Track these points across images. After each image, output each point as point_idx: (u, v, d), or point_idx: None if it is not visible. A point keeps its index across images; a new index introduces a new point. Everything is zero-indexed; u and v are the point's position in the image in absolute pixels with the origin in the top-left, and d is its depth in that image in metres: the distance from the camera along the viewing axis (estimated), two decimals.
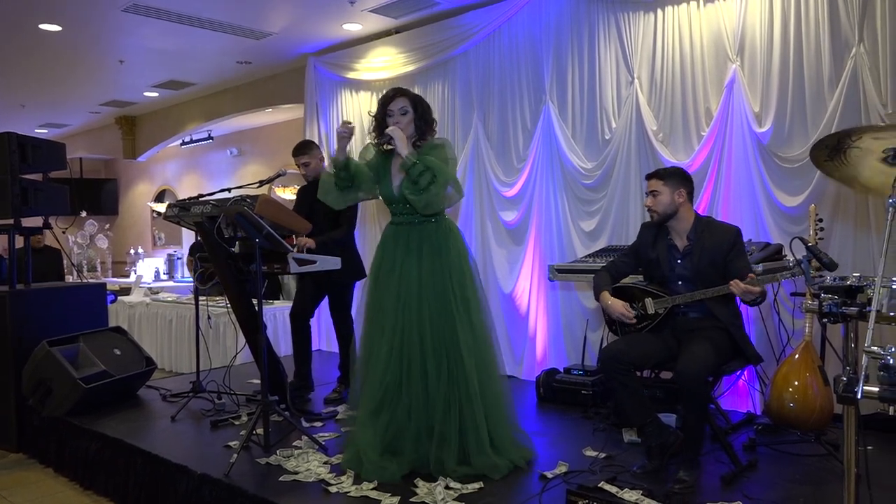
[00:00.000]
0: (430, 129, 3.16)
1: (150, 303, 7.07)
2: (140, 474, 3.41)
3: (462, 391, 2.97)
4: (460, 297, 3.06)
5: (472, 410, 2.95)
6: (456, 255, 3.12)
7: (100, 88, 8.13)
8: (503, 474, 2.93)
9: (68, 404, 4.06)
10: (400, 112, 3.09)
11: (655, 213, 3.14)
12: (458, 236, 3.20)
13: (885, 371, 1.55)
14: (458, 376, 2.98)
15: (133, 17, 5.57)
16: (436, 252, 3.08)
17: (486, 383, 3.04)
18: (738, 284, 2.82)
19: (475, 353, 3.03)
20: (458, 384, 2.98)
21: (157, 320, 6.85)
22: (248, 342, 4.11)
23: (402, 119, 3.08)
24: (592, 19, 4.62)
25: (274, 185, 8.20)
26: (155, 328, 6.86)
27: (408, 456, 2.99)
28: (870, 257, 3.60)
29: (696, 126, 4.19)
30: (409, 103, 3.10)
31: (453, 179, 3.04)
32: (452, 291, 3.05)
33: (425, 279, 3.05)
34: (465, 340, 3.01)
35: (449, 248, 3.11)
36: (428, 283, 3.05)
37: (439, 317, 3.02)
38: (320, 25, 5.89)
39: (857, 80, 3.59)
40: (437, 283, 3.05)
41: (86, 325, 4.60)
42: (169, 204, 4.19)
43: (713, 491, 2.77)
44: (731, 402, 4.03)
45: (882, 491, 2.64)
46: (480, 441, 2.95)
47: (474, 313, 3.09)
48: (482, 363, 3.06)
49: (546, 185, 4.86)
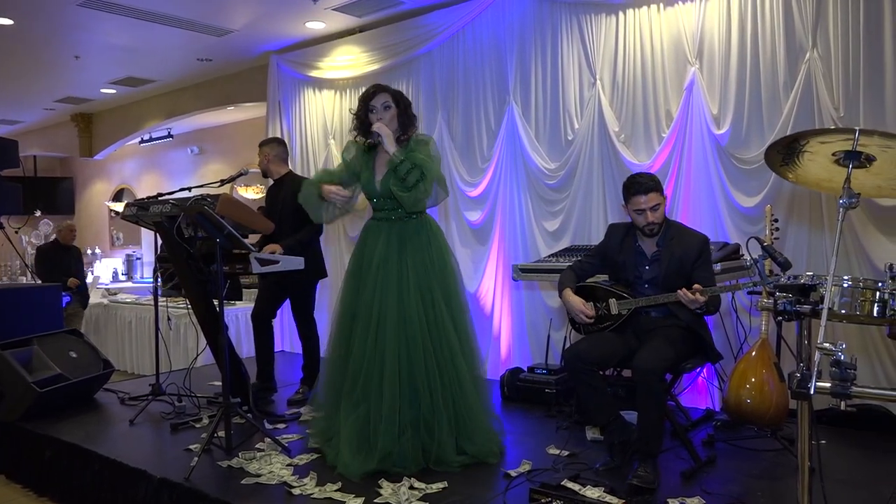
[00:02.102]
0: (412, 124, 3.15)
1: (108, 304, 6.92)
2: (97, 480, 3.33)
3: (448, 383, 3.03)
4: (443, 292, 3.08)
5: (462, 401, 3.05)
6: (438, 251, 3.14)
7: (54, 84, 7.92)
8: (497, 459, 3.07)
9: (21, 409, 3.95)
10: (383, 107, 3.08)
11: (656, 225, 3.07)
12: (440, 233, 3.22)
13: (837, 367, 1.59)
14: (443, 370, 3.03)
15: (89, 11, 5.43)
16: (418, 248, 3.11)
17: (467, 377, 3.10)
18: (686, 294, 2.86)
19: (458, 346, 3.08)
20: (444, 378, 3.03)
21: (116, 322, 6.72)
22: (210, 343, 4.04)
23: (386, 114, 3.07)
24: (555, 21, 4.66)
25: (236, 184, 8.08)
26: (114, 330, 6.72)
27: (382, 450, 2.98)
28: (823, 256, 3.70)
29: (657, 127, 4.26)
30: (391, 98, 3.10)
31: (440, 177, 3.04)
32: (435, 286, 3.07)
33: (407, 274, 3.06)
34: (448, 335, 3.05)
35: (431, 244, 3.13)
36: (410, 278, 3.06)
37: (421, 311, 3.05)
38: (283, 23, 5.83)
39: (810, 84, 3.69)
40: (419, 278, 3.06)
41: (40, 328, 4.48)
42: (127, 203, 4.10)
43: (673, 486, 2.81)
44: (690, 398, 4.11)
45: (834, 483, 2.72)
46: (469, 430, 3.04)
47: (456, 308, 3.14)
48: (465, 357, 3.11)
49: (510, 185, 4.89)
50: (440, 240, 3.19)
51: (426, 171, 2.94)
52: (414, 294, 3.04)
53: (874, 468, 3.07)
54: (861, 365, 3.51)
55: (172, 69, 7.28)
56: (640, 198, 3.01)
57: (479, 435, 3.10)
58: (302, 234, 4.14)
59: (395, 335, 3.02)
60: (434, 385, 3.02)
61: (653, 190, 3.01)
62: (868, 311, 2.00)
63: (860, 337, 3.60)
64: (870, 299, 2.00)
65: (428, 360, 3.03)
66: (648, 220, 3.04)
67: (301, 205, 4.09)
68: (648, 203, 3.01)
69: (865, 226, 3.59)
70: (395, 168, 2.97)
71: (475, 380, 3.17)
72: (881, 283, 2.00)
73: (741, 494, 2.74)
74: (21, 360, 4.08)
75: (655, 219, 3.04)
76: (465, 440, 3.06)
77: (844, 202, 1.91)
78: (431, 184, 2.97)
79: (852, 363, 1.59)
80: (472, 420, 3.10)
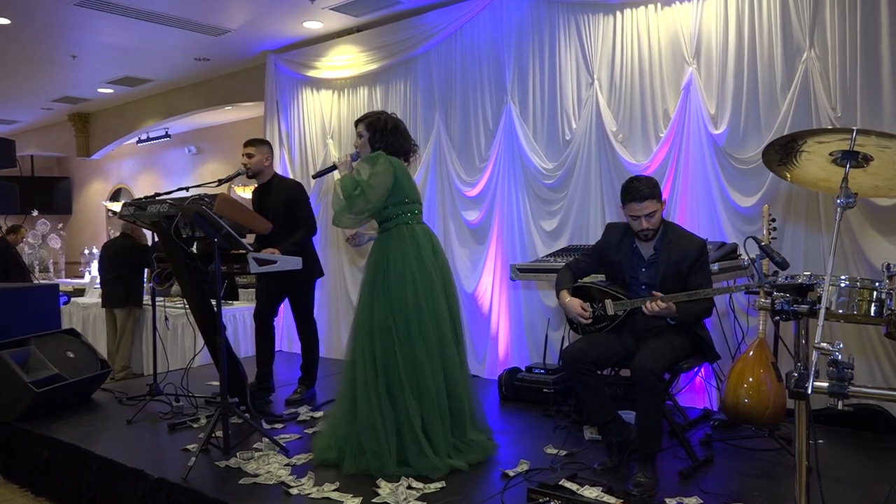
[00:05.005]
0: (384, 144, 3.24)
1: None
2: (95, 479, 3.32)
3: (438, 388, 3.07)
4: (400, 299, 3.11)
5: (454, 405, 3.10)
6: (394, 260, 3.16)
7: (52, 84, 7.90)
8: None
9: (18, 409, 3.94)
10: (358, 136, 3.33)
11: (650, 231, 3.05)
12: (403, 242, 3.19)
13: (834, 367, 1.59)
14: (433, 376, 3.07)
15: (85, 10, 5.43)
16: (376, 259, 3.21)
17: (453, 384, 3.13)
18: (651, 306, 2.89)
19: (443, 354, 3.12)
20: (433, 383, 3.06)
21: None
22: (207, 343, 4.04)
23: (360, 142, 3.32)
24: (553, 21, 4.66)
25: (233, 184, 8.06)
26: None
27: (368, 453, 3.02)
28: (820, 256, 3.71)
29: (655, 127, 4.26)
30: (364, 128, 3.29)
31: (345, 186, 3.10)
32: (394, 294, 3.12)
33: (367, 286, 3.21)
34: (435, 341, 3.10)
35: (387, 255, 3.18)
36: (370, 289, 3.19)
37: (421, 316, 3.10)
38: (280, 23, 5.82)
39: (808, 84, 3.69)
40: (376, 288, 3.16)
41: (37, 328, 4.47)
42: (124, 203, 4.09)
43: (671, 486, 2.81)
44: (688, 398, 4.11)
45: (831, 482, 2.73)
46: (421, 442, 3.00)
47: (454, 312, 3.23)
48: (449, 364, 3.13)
49: (508, 184, 4.89)
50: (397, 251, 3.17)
51: (338, 188, 3.14)
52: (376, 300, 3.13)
53: (871, 467, 3.08)
54: (858, 364, 3.52)
55: (170, 69, 7.27)
56: (636, 205, 3.00)
57: (467, 443, 3.14)
58: (297, 236, 4.14)
59: (388, 339, 3.08)
60: (423, 389, 3.05)
61: (649, 197, 2.98)
62: (865, 310, 2.00)
63: (858, 336, 3.60)
64: (867, 299, 2.00)
65: (418, 364, 3.05)
66: (644, 227, 3.03)
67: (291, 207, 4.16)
68: (644, 210, 2.99)
69: (863, 225, 3.59)
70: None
71: (466, 386, 3.23)
72: (878, 283, 2.00)
73: (739, 494, 2.74)
74: (18, 361, 4.07)
75: (651, 225, 3.03)
76: (453, 448, 3.10)
77: (842, 202, 1.92)
78: (338, 199, 3.13)
79: (850, 363, 1.60)
80: (461, 428, 3.15)
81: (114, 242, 6.43)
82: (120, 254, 6.20)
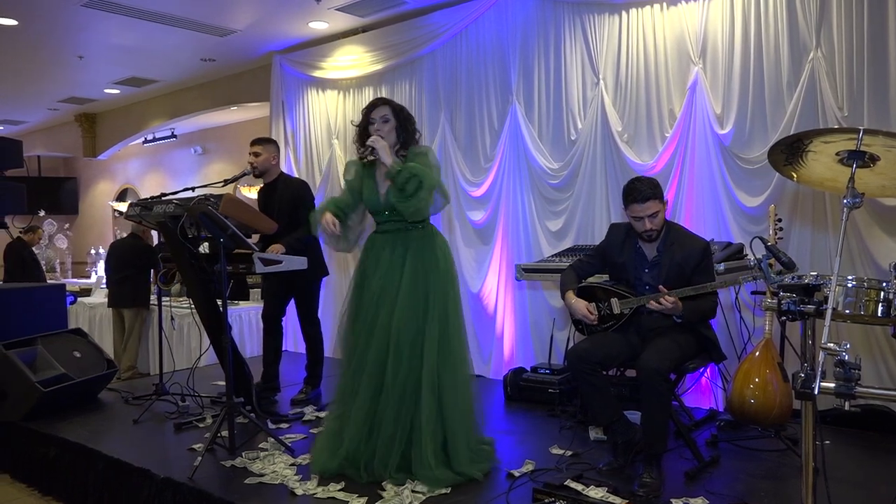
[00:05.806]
0: (412, 139, 3.13)
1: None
2: (101, 479, 3.34)
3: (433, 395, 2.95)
4: (440, 303, 3.02)
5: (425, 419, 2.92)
6: (444, 260, 3.09)
7: (58, 85, 7.94)
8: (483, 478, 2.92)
9: (25, 408, 3.96)
10: (382, 120, 3.08)
11: (654, 231, 3.05)
12: (444, 242, 3.17)
13: (841, 367, 1.59)
14: (418, 384, 2.95)
15: (92, 11, 5.45)
16: (420, 257, 3.06)
17: (451, 394, 3.00)
18: (654, 304, 2.90)
19: (445, 361, 3.00)
20: (418, 392, 2.95)
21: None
22: (213, 343, 4.05)
23: (384, 127, 3.06)
24: (558, 21, 4.65)
25: (239, 184, 8.10)
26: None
27: (346, 450, 2.97)
28: (827, 256, 3.69)
29: (660, 127, 4.25)
30: (391, 111, 3.09)
31: (439, 184, 3.02)
32: (433, 297, 3.02)
33: (406, 284, 3.02)
34: (433, 348, 2.98)
35: (435, 254, 3.09)
36: (408, 289, 3.01)
37: (413, 322, 2.99)
38: (286, 23, 5.83)
39: (814, 84, 3.68)
40: (417, 288, 3.02)
41: (44, 327, 4.49)
42: (131, 203, 4.10)
43: (677, 487, 2.81)
44: (694, 399, 4.10)
45: (838, 483, 2.71)
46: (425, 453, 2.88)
47: (452, 321, 3.07)
48: (450, 372, 3.01)
49: (513, 184, 4.89)
50: (443, 247, 3.14)
51: (424, 179, 2.92)
52: (411, 302, 3.00)
53: (878, 468, 3.07)
54: (865, 365, 3.51)
55: (176, 69, 7.29)
56: (637, 206, 2.99)
57: (463, 454, 2.97)
58: (299, 233, 4.14)
59: (384, 341, 2.98)
60: (420, 395, 2.94)
61: (651, 198, 2.97)
62: (872, 310, 1.99)
63: (864, 337, 3.59)
64: (874, 299, 1.99)
65: (413, 369, 2.97)
66: (647, 228, 3.02)
67: (297, 206, 4.11)
68: (646, 211, 2.99)
69: (870, 225, 3.58)
70: (393, 178, 2.96)
71: (465, 393, 3.08)
72: (885, 283, 1.99)
73: (745, 495, 2.73)
74: (25, 360, 4.09)
75: (654, 226, 3.02)
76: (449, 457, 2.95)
77: (848, 202, 1.91)
78: (430, 192, 2.94)
79: (856, 363, 1.59)
80: (456, 439, 2.98)
81: (122, 242, 6.43)
82: (128, 254, 6.20)
